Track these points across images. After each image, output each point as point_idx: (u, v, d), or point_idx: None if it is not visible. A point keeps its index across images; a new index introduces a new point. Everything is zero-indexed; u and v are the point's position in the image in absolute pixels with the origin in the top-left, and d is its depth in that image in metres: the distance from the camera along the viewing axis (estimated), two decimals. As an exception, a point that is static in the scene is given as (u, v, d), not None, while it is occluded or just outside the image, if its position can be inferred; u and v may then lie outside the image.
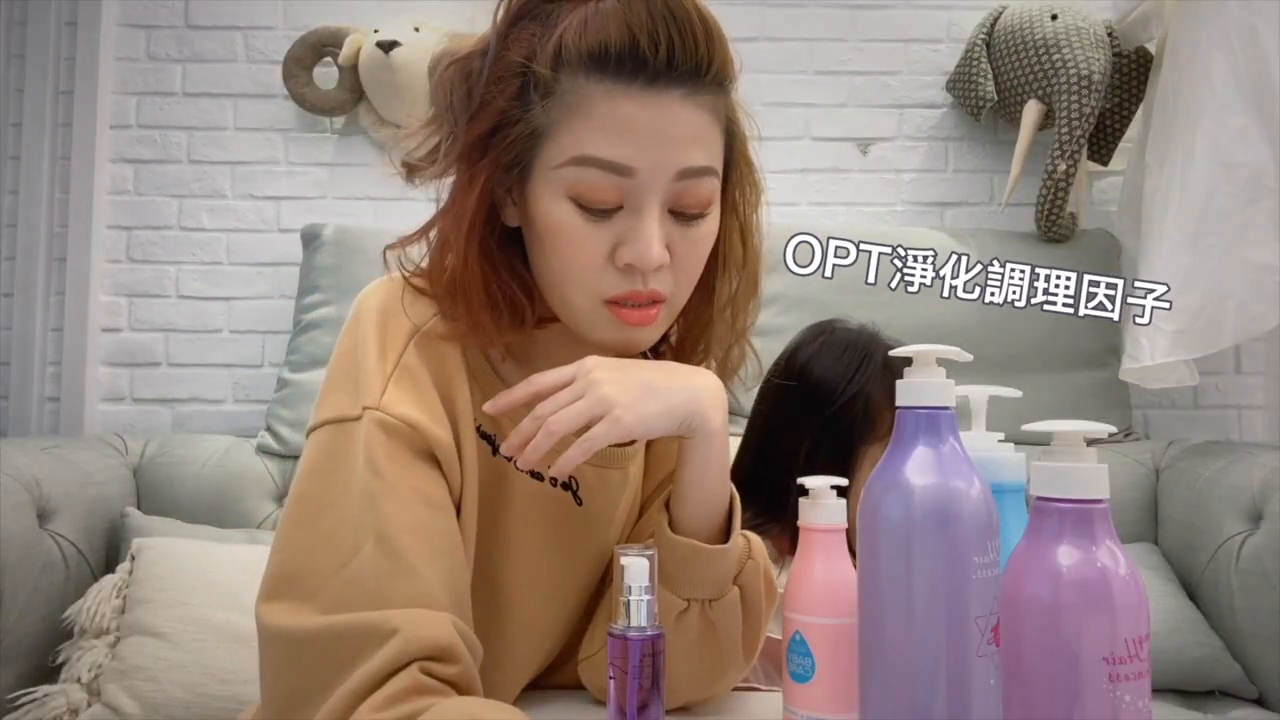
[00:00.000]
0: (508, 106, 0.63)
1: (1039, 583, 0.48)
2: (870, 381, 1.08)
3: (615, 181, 0.62)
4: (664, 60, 0.61)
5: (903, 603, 0.50)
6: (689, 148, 0.63)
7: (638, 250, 0.62)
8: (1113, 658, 0.46)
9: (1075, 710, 0.46)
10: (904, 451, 0.53)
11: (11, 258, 2.00)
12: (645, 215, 0.63)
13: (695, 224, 0.66)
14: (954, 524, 0.50)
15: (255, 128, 2.03)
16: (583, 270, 0.64)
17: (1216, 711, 1.44)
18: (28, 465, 1.43)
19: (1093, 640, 0.46)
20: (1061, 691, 0.47)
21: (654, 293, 0.65)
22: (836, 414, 1.07)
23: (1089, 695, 0.46)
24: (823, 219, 2.04)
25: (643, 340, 0.68)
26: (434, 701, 0.55)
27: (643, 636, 0.57)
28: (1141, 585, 0.48)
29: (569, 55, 0.62)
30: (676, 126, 0.62)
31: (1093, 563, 0.47)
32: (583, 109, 0.62)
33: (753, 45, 2.06)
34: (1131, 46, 1.93)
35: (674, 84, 0.62)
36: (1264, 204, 1.60)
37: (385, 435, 0.62)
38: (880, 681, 0.51)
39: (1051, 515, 0.49)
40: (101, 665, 1.33)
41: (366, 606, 0.57)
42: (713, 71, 0.63)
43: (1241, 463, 1.54)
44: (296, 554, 0.61)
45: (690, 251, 0.66)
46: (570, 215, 0.63)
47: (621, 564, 0.58)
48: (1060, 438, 0.50)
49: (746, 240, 0.74)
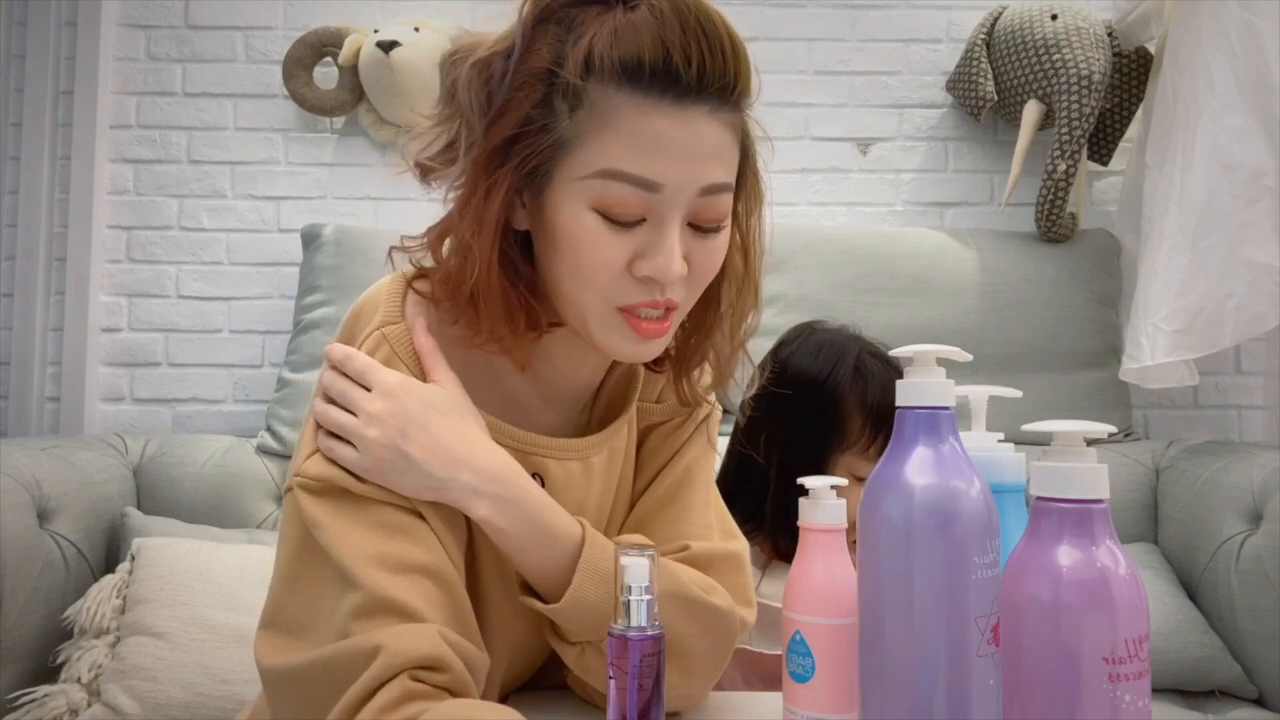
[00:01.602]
0: (532, 113, 0.63)
1: (1039, 583, 0.48)
2: (840, 385, 1.03)
3: (642, 196, 0.62)
4: (695, 77, 0.61)
5: (903, 603, 0.50)
6: (713, 165, 0.63)
7: (659, 264, 0.63)
8: (1113, 658, 0.46)
9: (1075, 710, 0.46)
10: (904, 451, 0.53)
11: (11, 258, 2.01)
12: (668, 229, 0.63)
13: (711, 237, 0.66)
14: (954, 524, 0.50)
15: (255, 128, 2.03)
16: (601, 277, 0.64)
17: (1216, 711, 1.44)
18: (28, 465, 1.43)
19: (1093, 640, 0.46)
20: (1061, 691, 0.47)
21: (670, 301, 0.65)
22: (808, 417, 1.04)
23: (1089, 695, 0.46)
24: (823, 219, 2.04)
25: (651, 352, 0.68)
26: (427, 706, 0.55)
27: (643, 636, 0.57)
28: (1141, 585, 0.48)
29: (599, 65, 0.61)
30: (703, 143, 0.62)
31: (1093, 563, 0.47)
32: (612, 121, 0.61)
33: (753, 45, 2.03)
34: (1131, 46, 1.93)
35: (702, 101, 0.62)
36: (1264, 204, 1.60)
37: (311, 496, 0.64)
38: (880, 682, 0.51)
39: (1051, 515, 0.49)
40: (101, 665, 1.33)
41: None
42: (738, 90, 0.64)
43: (1241, 463, 1.54)
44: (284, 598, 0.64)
45: (705, 262, 0.67)
46: (594, 224, 0.63)
47: (621, 564, 0.58)
48: (1060, 438, 0.50)
49: (748, 250, 0.74)
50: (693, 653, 0.70)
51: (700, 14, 0.61)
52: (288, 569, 0.65)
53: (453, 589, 0.64)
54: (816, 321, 1.15)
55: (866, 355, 1.06)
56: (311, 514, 0.63)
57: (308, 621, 0.62)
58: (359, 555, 0.61)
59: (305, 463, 0.65)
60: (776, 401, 1.00)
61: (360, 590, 0.60)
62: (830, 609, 0.60)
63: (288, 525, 0.66)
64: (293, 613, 0.63)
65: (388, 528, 0.63)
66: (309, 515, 0.63)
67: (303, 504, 0.64)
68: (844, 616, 0.59)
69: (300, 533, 0.64)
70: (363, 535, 0.62)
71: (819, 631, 0.60)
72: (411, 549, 0.63)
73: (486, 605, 0.71)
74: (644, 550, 0.59)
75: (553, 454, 0.72)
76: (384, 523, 0.63)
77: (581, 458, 0.74)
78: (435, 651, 0.58)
